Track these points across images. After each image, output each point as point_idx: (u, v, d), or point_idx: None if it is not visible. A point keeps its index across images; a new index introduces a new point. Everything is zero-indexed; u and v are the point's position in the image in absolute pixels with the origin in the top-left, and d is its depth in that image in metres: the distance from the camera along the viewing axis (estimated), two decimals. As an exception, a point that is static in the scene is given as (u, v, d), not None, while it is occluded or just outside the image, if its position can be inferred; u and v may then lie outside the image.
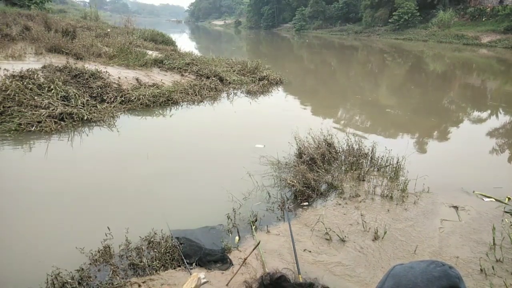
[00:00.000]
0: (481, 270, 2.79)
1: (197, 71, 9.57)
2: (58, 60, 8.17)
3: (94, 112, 6.25)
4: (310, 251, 3.02)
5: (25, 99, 5.82)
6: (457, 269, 0.73)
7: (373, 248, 3.06)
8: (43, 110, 5.73)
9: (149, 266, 2.71)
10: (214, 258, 2.88)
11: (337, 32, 41.90)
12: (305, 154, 4.51)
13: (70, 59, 8.35)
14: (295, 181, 3.95)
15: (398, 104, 9.48)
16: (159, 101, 7.38)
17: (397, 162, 4.48)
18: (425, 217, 3.57)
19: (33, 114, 5.59)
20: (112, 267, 2.67)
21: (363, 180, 4.27)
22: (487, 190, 4.12)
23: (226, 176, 4.47)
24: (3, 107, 5.62)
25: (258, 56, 18.92)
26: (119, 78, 7.81)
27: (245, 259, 2.77)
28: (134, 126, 6.36)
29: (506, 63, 18.77)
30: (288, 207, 3.70)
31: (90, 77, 7.16)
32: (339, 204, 3.77)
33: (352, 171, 4.46)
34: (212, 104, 8.00)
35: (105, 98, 6.87)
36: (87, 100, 6.49)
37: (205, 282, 2.13)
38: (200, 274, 2.12)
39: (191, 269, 2.74)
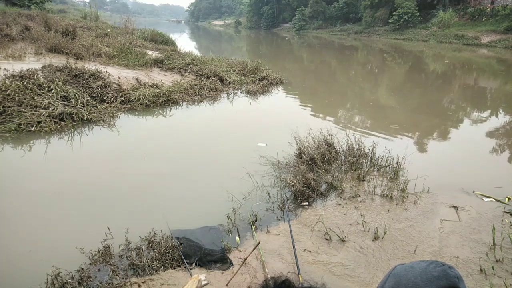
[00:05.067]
0: (481, 270, 2.79)
1: (197, 71, 9.58)
2: (58, 60, 8.17)
3: (94, 112, 6.25)
4: (310, 251, 3.02)
5: (25, 99, 5.82)
6: (457, 269, 0.73)
7: (373, 248, 3.06)
8: (43, 110, 5.73)
9: (149, 266, 2.71)
10: (214, 258, 2.88)
11: (337, 32, 41.91)
12: (305, 154, 4.52)
13: (70, 59, 8.35)
14: (295, 181, 3.95)
15: (398, 104, 9.48)
16: (159, 101, 7.38)
17: (397, 162, 4.47)
18: (425, 217, 3.57)
19: (33, 114, 5.59)
20: (112, 267, 2.67)
21: (363, 180, 4.27)
22: (487, 190, 4.12)
23: (226, 176, 4.47)
24: (3, 107, 5.62)
25: (258, 56, 18.93)
26: (119, 78, 7.81)
27: (245, 259, 2.77)
28: (134, 126, 6.36)
29: (506, 63, 18.78)
30: (288, 207, 3.70)
31: (90, 77, 7.16)
32: (339, 204, 3.77)
33: (352, 171, 4.46)
34: (212, 104, 8.00)
35: (105, 98, 6.88)
36: (87, 100, 6.49)
37: (205, 284, 2.13)
38: (200, 276, 2.12)
39: (191, 269, 2.74)
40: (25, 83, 6.11)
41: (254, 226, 3.34)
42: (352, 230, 3.32)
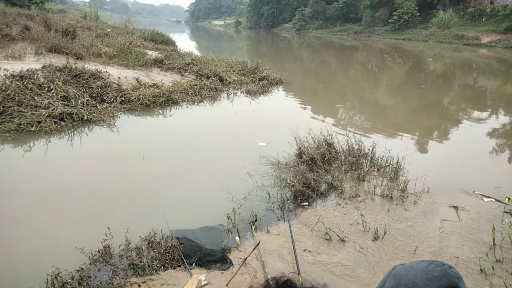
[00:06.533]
0: (481, 270, 2.79)
1: (197, 71, 9.58)
2: (58, 60, 8.17)
3: (94, 112, 6.25)
4: (310, 251, 3.02)
5: (25, 99, 5.82)
6: (457, 269, 0.73)
7: (373, 248, 3.06)
8: (43, 110, 5.73)
9: (149, 266, 2.71)
10: (214, 258, 2.88)
11: (337, 32, 41.91)
12: (305, 154, 4.52)
13: (70, 59, 8.35)
14: (295, 181, 3.95)
15: (398, 104, 9.48)
16: (159, 101, 7.38)
17: (397, 162, 4.47)
18: (425, 217, 3.57)
19: (33, 114, 5.59)
20: (112, 267, 2.67)
21: (363, 180, 4.27)
22: (487, 190, 4.12)
23: (226, 176, 4.47)
24: (3, 107, 5.62)
25: (258, 56, 18.93)
26: (119, 78, 7.81)
27: (245, 259, 2.77)
28: (134, 126, 6.36)
29: (506, 63, 18.78)
30: (288, 207, 3.70)
31: (90, 77, 7.16)
32: (339, 204, 3.77)
33: (352, 171, 4.46)
34: (212, 104, 8.00)
35: (105, 98, 6.88)
36: (87, 100, 6.49)
37: (205, 284, 2.14)
38: (200, 276, 2.12)
39: (191, 269, 2.74)
40: (25, 83, 6.11)
41: (254, 226, 3.34)
42: (352, 230, 3.32)
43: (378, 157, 4.70)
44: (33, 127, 5.41)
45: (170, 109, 7.39)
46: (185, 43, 24.13)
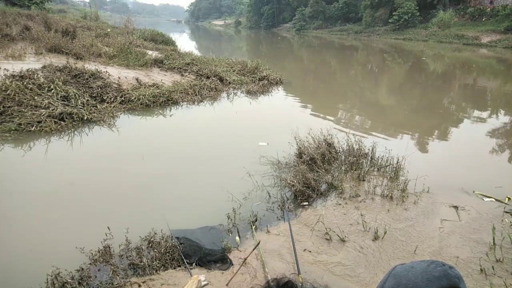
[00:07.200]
0: (481, 270, 2.79)
1: (197, 71, 9.58)
2: (58, 60, 8.17)
3: (94, 112, 6.25)
4: (310, 251, 3.02)
5: (25, 99, 5.82)
6: (457, 269, 0.73)
7: (373, 248, 3.06)
8: (43, 110, 5.73)
9: (149, 266, 2.71)
10: (214, 258, 2.88)
11: (337, 32, 41.93)
12: (305, 154, 4.52)
13: (70, 59, 8.35)
14: (295, 181, 3.95)
15: (398, 104, 9.48)
16: (159, 101, 7.38)
17: (397, 162, 4.47)
18: (425, 217, 3.57)
19: (33, 114, 5.59)
20: (112, 267, 2.67)
21: (363, 180, 4.27)
22: (488, 190, 4.12)
23: (226, 176, 4.47)
24: (3, 107, 5.61)
25: (258, 56, 18.93)
26: (119, 78, 7.81)
27: (245, 259, 2.77)
28: (134, 126, 6.36)
29: (506, 63, 18.77)
30: (288, 207, 3.70)
31: (90, 77, 7.16)
32: (339, 204, 3.77)
33: (352, 171, 4.46)
34: (212, 104, 8.00)
35: (105, 98, 6.87)
36: (87, 100, 6.49)
37: (205, 284, 2.14)
38: (200, 276, 2.13)
39: (191, 269, 2.74)
40: (25, 83, 6.10)
41: (254, 226, 3.34)
42: (352, 230, 3.32)
43: (378, 157, 4.70)
44: (33, 127, 5.41)
45: (170, 109, 7.39)
46: (185, 43, 24.15)
